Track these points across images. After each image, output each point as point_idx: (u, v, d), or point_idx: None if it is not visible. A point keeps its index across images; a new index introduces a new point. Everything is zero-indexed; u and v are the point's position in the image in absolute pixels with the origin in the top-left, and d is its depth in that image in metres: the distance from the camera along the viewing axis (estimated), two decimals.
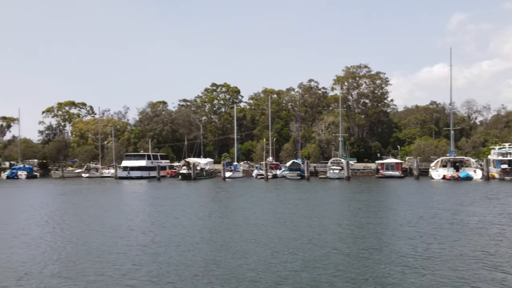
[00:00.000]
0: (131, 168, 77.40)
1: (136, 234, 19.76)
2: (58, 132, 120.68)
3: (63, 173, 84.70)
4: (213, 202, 35.34)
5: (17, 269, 13.70)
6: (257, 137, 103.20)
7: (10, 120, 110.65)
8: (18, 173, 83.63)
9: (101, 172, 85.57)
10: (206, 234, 19.53)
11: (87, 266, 13.97)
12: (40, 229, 21.56)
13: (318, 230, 20.17)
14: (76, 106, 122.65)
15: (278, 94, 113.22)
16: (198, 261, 14.46)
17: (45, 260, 14.89)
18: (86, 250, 16.40)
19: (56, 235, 19.81)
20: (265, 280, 12.16)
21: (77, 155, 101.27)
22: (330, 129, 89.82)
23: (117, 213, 28.30)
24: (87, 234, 19.87)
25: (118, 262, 14.44)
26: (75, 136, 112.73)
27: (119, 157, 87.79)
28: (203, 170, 76.14)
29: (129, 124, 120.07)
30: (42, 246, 17.32)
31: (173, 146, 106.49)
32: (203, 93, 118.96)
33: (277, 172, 71.68)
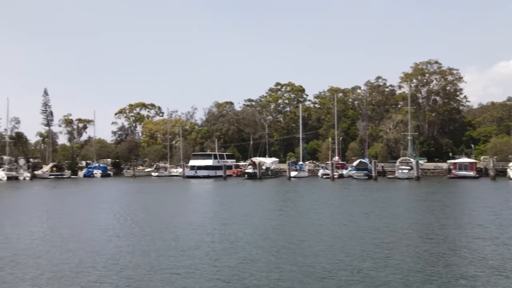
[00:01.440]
0: (198, 167, 78.87)
1: (207, 231, 19.95)
2: (130, 133, 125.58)
3: (134, 172, 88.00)
4: (280, 201, 35.16)
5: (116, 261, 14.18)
6: (323, 136, 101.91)
7: (86, 122, 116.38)
8: (94, 172, 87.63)
9: (169, 171, 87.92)
10: (278, 233, 19.35)
11: (181, 258, 14.22)
12: (123, 223, 22.35)
13: (393, 231, 19.44)
14: (146, 107, 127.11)
15: (344, 92, 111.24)
16: (267, 260, 14.30)
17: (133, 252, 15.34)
18: (181, 245, 16.71)
19: (141, 230, 20.44)
20: (337, 278, 11.77)
21: (147, 155, 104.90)
22: (398, 128, 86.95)
23: (191, 211, 28.84)
24: (175, 230, 20.32)
25: (198, 255, 14.57)
26: (145, 136, 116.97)
27: (186, 157, 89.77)
28: (269, 170, 76.23)
29: (196, 124, 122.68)
30: (131, 239, 17.92)
31: (238, 146, 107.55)
32: (268, 93, 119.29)
33: (344, 172, 70.36)
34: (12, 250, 15.89)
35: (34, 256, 14.95)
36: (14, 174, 76.90)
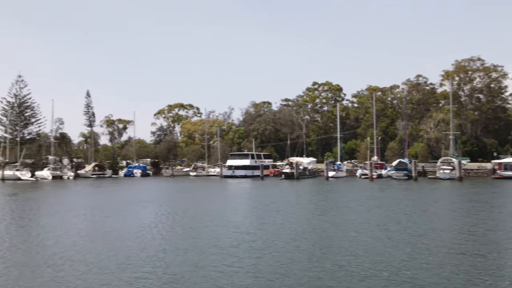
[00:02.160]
0: (235, 167, 79.30)
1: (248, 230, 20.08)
2: (168, 133, 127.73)
3: (173, 172, 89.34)
4: (319, 201, 35.01)
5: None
6: (361, 136, 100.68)
7: (126, 122, 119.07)
8: (134, 171, 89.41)
9: (207, 171, 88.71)
10: (318, 233, 19.26)
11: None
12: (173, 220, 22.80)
13: (437, 232, 19.04)
14: (185, 108, 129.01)
15: (383, 91, 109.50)
16: (308, 258, 14.23)
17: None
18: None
19: (183, 228, 20.77)
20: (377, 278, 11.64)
21: (185, 155, 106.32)
22: (439, 127, 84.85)
23: (231, 210, 29.11)
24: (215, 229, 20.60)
25: (238, 255, 14.67)
26: (183, 137, 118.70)
27: (224, 156, 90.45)
28: (306, 170, 75.88)
29: (234, 124, 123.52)
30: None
31: (276, 146, 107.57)
32: (305, 92, 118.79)
33: (382, 172, 69.25)
34: (61, 247, 16.39)
35: (82, 252, 15.40)
36: (58, 173, 79.40)
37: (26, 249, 16.14)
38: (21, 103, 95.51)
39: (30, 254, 15.22)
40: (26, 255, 15.06)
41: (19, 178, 72.55)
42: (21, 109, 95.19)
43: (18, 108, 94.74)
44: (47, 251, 15.69)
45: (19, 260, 14.32)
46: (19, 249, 15.98)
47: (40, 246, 16.62)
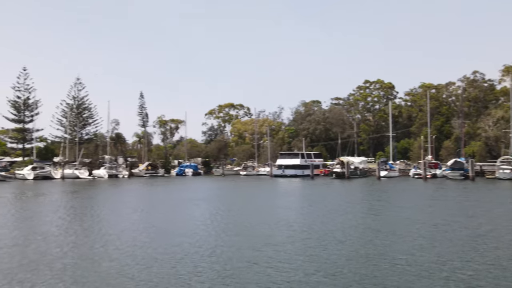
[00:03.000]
0: (285, 167, 79.20)
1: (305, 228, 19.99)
2: (219, 133, 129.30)
3: (223, 171, 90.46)
4: (372, 201, 34.35)
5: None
6: (415, 134, 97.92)
7: (178, 122, 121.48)
8: (185, 171, 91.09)
9: (257, 170, 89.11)
10: (372, 232, 18.94)
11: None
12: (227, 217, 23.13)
13: (497, 234, 18.24)
14: (235, 108, 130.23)
15: (437, 88, 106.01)
16: (364, 256, 14.01)
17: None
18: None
19: (236, 225, 20.97)
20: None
21: (236, 154, 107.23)
22: (499, 125, 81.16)
23: (282, 208, 29.08)
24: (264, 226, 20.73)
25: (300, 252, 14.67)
26: (234, 136, 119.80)
27: (274, 156, 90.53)
28: (357, 169, 74.71)
29: (284, 124, 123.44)
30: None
31: (326, 145, 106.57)
32: (356, 91, 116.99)
33: (437, 172, 67.11)
34: (123, 242, 16.96)
35: (143, 248, 15.83)
36: (114, 172, 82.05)
37: (91, 244, 16.73)
38: (79, 105, 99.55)
39: (95, 249, 15.76)
40: (91, 250, 15.62)
41: (78, 177, 75.56)
42: (79, 111, 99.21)
43: (77, 110, 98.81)
44: (110, 246, 16.26)
45: (85, 254, 14.88)
46: (83, 245, 16.57)
47: (103, 241, 17.21)
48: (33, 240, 17.33)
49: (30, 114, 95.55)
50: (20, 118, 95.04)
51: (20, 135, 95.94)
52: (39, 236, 18.36)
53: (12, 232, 19.75)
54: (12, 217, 25.51)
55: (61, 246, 16.27)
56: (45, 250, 15.52)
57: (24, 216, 25.62)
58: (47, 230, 19.92)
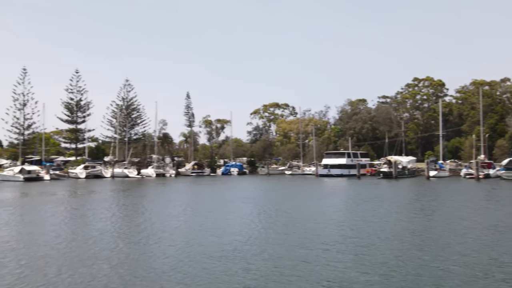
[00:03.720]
0: (331, 166, 78.47)
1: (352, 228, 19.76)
2: (264, 132, 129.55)
3: (268, 170, 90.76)
4: (421, 201, 33.38)
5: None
6: (466, 133, 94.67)
7: (224, 122, 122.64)
8: (231, 170, 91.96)
9: (302, 170, 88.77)
10: (422, 233, 18.41)
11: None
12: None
13: None
14: (280, 107, 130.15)
15: (491, 85, 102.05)
16: (415, 257, 13.62)
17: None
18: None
19: (284, 224, 20.94)
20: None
21: (281, 153, 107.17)
22: None
23: (329, 208, 28.82)
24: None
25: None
26: (279, 136, 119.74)
27: (319, 155, 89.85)
28: (405, 169, 73.03)
29: (329, 123, 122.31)
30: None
31: (373, 144, 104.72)
32: (404, 89, 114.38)
33: (490, 172, 64.60)
34: (175, 239, 17.33)
35: (194, 245, 16.02)
36: (161, 171, 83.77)
37: (145, 240, 17.07)
38: (128, 106, 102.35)
39: (149, 246, 16.09)
40: (146, 246, 15.95)
41: (127, 176, 77.63)
42: (129, 111, 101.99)
43: (126, 110, 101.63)
44: (163, 243, 16.56)
45: (140, 250, 15.24)
46: (137, 241, 16.94)
47: (156, 238, 17.55)
48: (89, 236, 17.91)
49: (82, 115, 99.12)
50: (73, 119, 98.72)
51: (73, 136, 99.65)
52: (95, 232, 18.97)
53: (69, 228, 20.52)
54: (67, 214, 26.50)
55: (116, 242, 16.75)
56: (102, 245, 15.98)
57: (79, 214, 26.52)
58: (101, 227, 20.58)
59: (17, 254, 14.65)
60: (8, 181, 66.76)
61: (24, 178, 66.84)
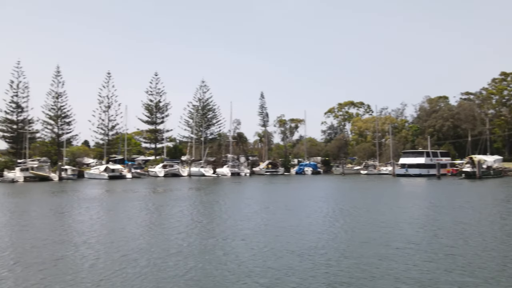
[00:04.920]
0: (409, 166, 75.78)
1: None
2: (339, 131, 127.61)
3: (343, 170, 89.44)
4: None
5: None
6: None
7: (297, 122, 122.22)
8: (305, 169, 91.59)
9: (378, 169, 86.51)
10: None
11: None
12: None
13: None
14: (355, 105, 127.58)
15: None
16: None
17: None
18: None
19: (360, 224, 20.48)
20: None
21: (356, 153, 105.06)
22: None
23: (409, 209, 27.79)
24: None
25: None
26: (354, 135, 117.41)
27: (396, 155, 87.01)
28: (490, 168, 68.76)
29: (407, 121, 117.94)
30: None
31: (454, 143, 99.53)
32: (490, 84, 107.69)
33: None
34: (257, 238, 17.52)
35: (277, 242, 16.09)
36: (236, 170, 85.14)
37: (231, 237, 17.32)
38: (204, 106, 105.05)
39: (236, 242, 16.25)
40: (233, 242, 16.21)
41: (203, 174, 79.70)
42: (204, 112, 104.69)
43: (202, 111, 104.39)
44: (249, 239, 16.72)
45: (228, 246, 15.53)
46: (225, 238, 17.14)
47: (242, 235, 17.75)
48: (176, 232, 18.58)
49: (161, 116, 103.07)
50: (152, 120, 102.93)
51: (153, 136, 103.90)
52: (182, 228, 19.69)
53: (154, 224, 21.30)
54: (148, 210, 27.63)
55: (202, 237, 17.20)
56: (190, 241, 16.53)
57: (159, 210, 27.58)
58: (186, 223, 21.29)
59: (116, 246, 15.49)
60: (94, 179, 71.03)
61: (108, 176, 70.76)
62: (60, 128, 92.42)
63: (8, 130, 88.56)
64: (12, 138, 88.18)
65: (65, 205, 30.71)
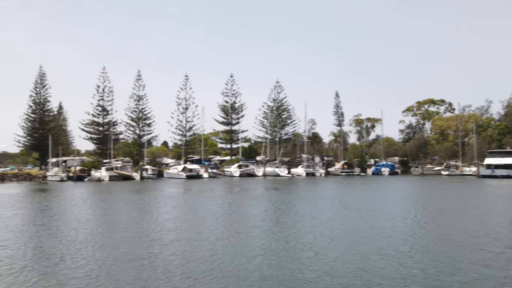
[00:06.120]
0: (495, 166, 71.32)
1: None
2: (418, 130, 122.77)
3: (422, 170, 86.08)
4: None
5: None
6: None
7: (374, 121, 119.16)
8: (382, 170, 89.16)
9: (461, 170, 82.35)
10: None
11: None
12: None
13: None
14: (435, 103, 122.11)
15: None
16: None
17: None
18: None
19: (440, 227, 19.69)
20: None
21: (436, 153, 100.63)
22: None
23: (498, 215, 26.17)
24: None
25: None
26: (434, 134, 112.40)
27: (481, 154, 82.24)
28: None
29: (493, 119, 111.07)
30: None
31: None
32: None
33: None
34: (342, 239, 17.32)
35: (360, 243, 15.90)
36: (311, 170, 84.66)
37: (310, 237, 17.31)
38: (279, 107, 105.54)
39: (314, 243, 16.14)
40: (312, 243, 16.13)
41: (278, 175, 79.94)
42: (279, 112, 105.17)
43: (277, 111, 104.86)
44: (339, 241, 16.58)
45: (306, 246, 15.52)
46: (304, 240, 17.01)
47: (334, 236, 17.62)
48: (258, 230, 18.96)
49: (236, 117, 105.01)
50: (228, 120, 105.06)
51: (228, 136, 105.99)
52: (264, 226, 19.99)
53: (234, 222, 21.67)
54: (229, 209, 28.16)
55: (292, 237, 17.24)
56: (275, 240, 16.74)
57: (241, 210, 27.94)
58: (266, 223, 21.56)
59: (203, 245, 15.99)
60: (173, 178, 73.61)
61: (186, 176, 73.01)
62: (141, 129, 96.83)
63: (95, 132, 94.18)
64: (98, 139, 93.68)
65: (151, 203, 32.20)
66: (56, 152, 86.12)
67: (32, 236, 18.12)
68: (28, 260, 13.57)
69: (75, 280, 11.24)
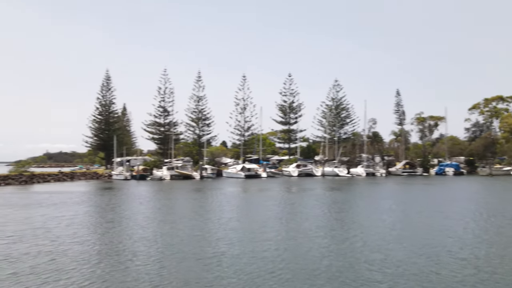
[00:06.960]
0: None
1: None
2: (485, 129, 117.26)
3: (490, 171, 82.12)
4: None
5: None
6: None
7: (438, 119, 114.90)
8: (446, 170, 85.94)
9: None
10: None
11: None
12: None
13: None
14: (504, 100, 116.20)
15: None
16: None
17: None
18: None
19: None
20: None
21: (506, 152, 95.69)
22: None
23: None
24: None
25: None
26: (504, 132, 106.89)
27: None
28: None
29: None
30: None
31: None
32: None
33: None
34: (415, 239, 16.99)
35: (430, 246, 15.48)
36: (371, 170, 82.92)
37: (378, 238, 17.11)
38: (338, 106, 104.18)
39: (382, 245, 15.93)
40: (381, 244, 15.91)
41: (337, 174, 78.92)
42: (338, 111, 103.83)
43: (335, 110, 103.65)
44: (410, 242, 16.34)
45: (375, 248, 15.36)
46: (373, 241, 16.93)
47: (391, 237, 17.43)
48: (324, 229, 18.88)
49: (294, 117, 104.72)
50: (286, 120, 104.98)
51: (286, 136, 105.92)
52: (330, 226, 19.83)
53: (299, 223, 21.56)
54: (293, 210, 28.09)
55: (360, 238, 17.07)
56: (343, 240, 16.60)
57: (303, 210, 27.82)
58: (331, 223, 21.35)
59: (266, 245, 16.14)
60: (232, 177, 74.46)
61: (245, 175, 73.62)
62: (201, 129, 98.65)
63: (157, 132, 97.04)
64: (160, 139, 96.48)
65: (213, 202, 32.67)
66: (121, 152, 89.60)
67: (105, 232, 18.89)
68: (104, 255, 14.17)
69: (148, 276, 11.60)
